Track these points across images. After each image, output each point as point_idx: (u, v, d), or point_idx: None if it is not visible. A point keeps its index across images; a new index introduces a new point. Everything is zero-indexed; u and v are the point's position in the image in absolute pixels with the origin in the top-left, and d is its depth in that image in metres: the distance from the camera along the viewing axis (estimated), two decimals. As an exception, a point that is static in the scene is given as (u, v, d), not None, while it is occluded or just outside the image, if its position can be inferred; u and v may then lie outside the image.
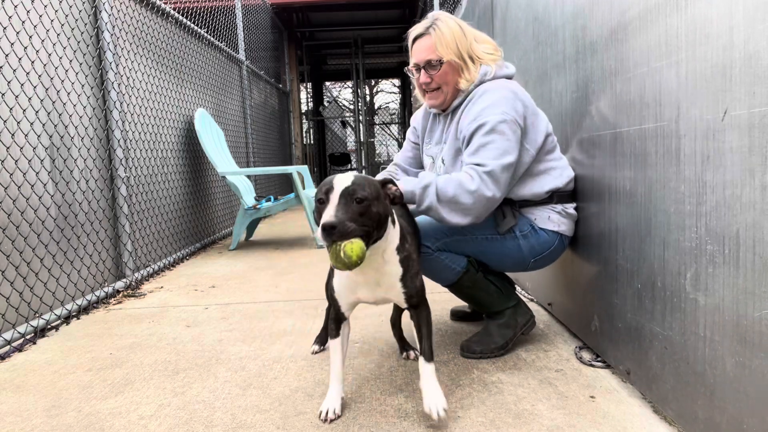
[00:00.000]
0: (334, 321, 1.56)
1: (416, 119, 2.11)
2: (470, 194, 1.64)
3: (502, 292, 1.92)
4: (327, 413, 1.48)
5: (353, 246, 1.25)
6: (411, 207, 1.74)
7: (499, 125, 1.68)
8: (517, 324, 1.92)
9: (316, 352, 2.00)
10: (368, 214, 1.30)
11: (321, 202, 1.31)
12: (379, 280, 1.46)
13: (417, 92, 1.97)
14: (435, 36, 1.80)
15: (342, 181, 1.31)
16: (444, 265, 1.84)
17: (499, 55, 1.87)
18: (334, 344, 1.56)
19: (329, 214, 1.25)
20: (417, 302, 1.52)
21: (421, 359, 1.49)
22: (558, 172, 1.85)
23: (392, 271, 1.46)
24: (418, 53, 1.85)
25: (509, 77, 1.86)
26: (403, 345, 1.94)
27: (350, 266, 1.25)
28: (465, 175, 1.66)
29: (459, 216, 1.66)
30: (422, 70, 1.84)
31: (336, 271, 1.52)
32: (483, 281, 1.89)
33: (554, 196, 1.85)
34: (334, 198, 1.28)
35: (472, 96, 1.81)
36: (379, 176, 2.08)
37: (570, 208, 1.88)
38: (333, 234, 1.22)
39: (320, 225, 1.24)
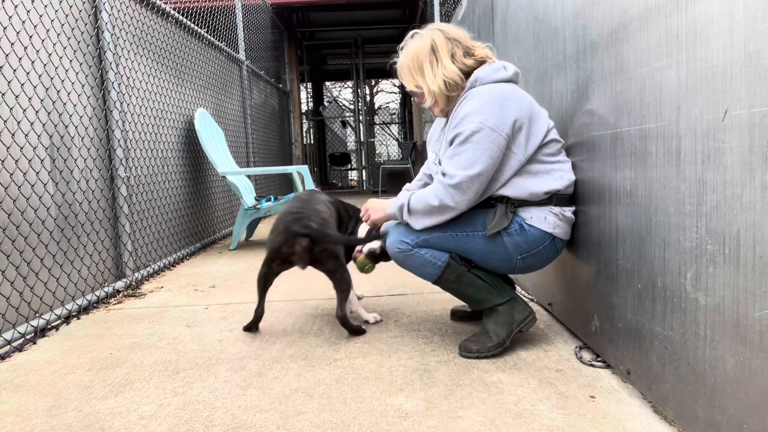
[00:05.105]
0: None
1: (432, 125, 2.21)
2: (436, 209, 1.82)
3: (492, 287, 1.92)
4: None
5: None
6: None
7: (473, 135, 1.77)
8: (514, 321, 1.92)
9: None
10: None
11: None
12: None
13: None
14: (399, 72, 2.00)
15: None
16: (424, 260, 1.89)
17: (486, 53, 1.93)
18: None
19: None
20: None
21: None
22: (559, 175, 1.85)
23: None
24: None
25: (505, 80, 1.87)
26: None
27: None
28: (430, 193, 1.83)
29: (427, 222, 1.87)
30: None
31: None
32: (468, 275, 1.90)
33: (553, 198, 1.85)
34: None
35: (464, 98, 1.87)
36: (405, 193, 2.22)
37: (568, 211, 1.87)
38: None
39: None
